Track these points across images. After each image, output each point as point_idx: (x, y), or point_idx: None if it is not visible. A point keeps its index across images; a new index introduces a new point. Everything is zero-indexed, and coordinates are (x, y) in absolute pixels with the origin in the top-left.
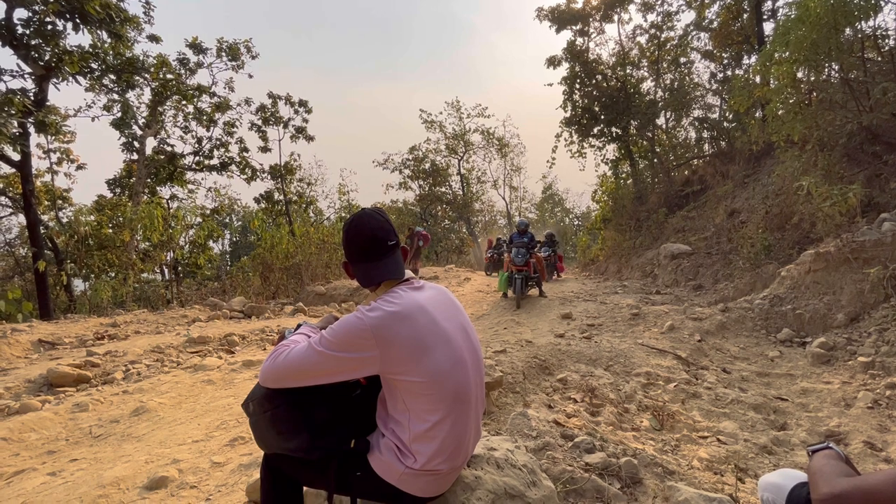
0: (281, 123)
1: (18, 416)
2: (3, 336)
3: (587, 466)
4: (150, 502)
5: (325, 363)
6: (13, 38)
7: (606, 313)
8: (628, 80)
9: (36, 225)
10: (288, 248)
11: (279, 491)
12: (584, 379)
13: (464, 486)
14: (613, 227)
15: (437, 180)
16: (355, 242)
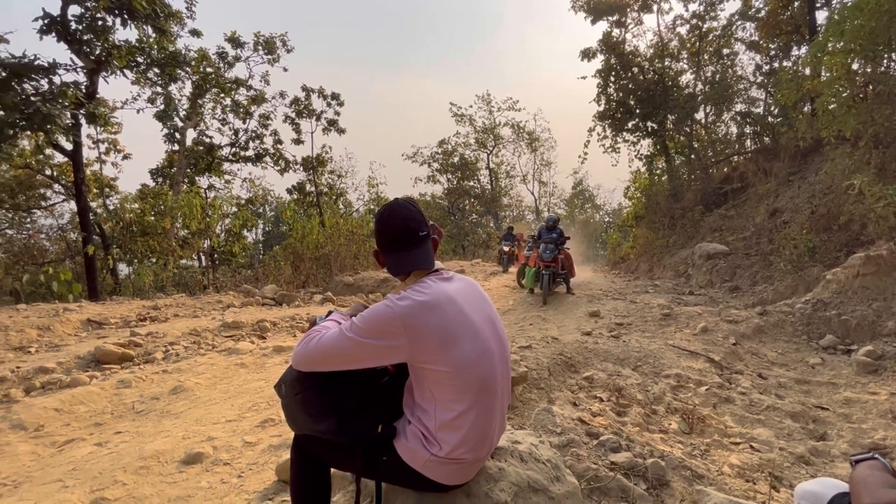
0: (314, 116)
1: (69, 390)
2: (56, 315)
3: (612, 465)
4: (187, 476)
5: (355, 349)
6: (67, 33)
7: (636, 313)
8: (666, 73)
9: (86, 211)
10: (318, 238)
11: (308, 471)
12: (610, 378)
13: (487, 477)
14: (646, 224)
15: (465, 174)
16: (387, 232)
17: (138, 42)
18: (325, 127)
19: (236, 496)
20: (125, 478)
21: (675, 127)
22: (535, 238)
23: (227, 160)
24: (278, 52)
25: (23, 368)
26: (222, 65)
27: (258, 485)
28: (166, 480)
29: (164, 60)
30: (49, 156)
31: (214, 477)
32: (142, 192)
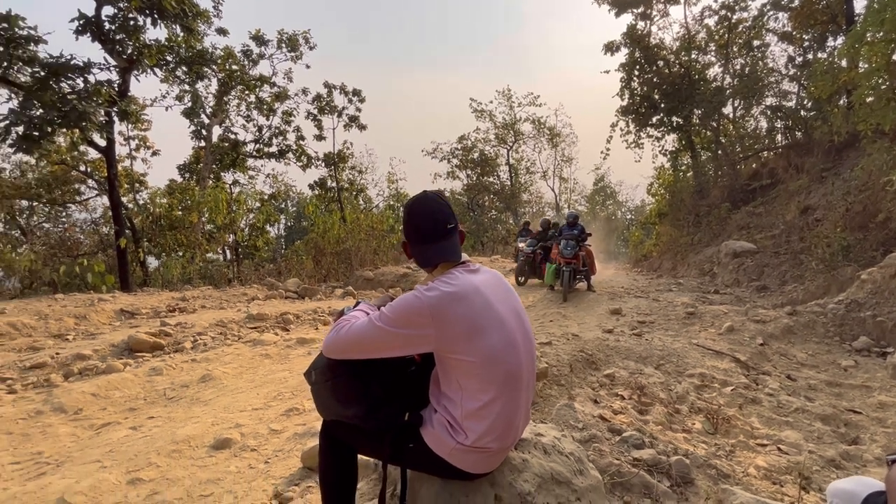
0: (335, 112)
1: (105, 376)
2: (92, 304)
3: (635, 461)
4: (216, 460)
5: (384, 338)
6: (101, 33)
7: (659, 311)
8: (693, 66)
9: (118, 206)
10: (339, 233)
11: (336, 456)
12: (632, 376)
13: (511, 467)
14: (670, 221)
15: (485, 170)
16: (415, 224)
17: (167, 41)
18: (346, 123)
19: (264, 481)
20: (158, 460)
21: (702, 122)
22: (555, 235)
23: (251, 156)
24: (301, 50)
25: (62, 355)
26: (247, 62)
27: (284, 471)
28: (197, 464)
29: (191, 59)
30: (83, 152)
31: (242, 462)
32: (170, 187)
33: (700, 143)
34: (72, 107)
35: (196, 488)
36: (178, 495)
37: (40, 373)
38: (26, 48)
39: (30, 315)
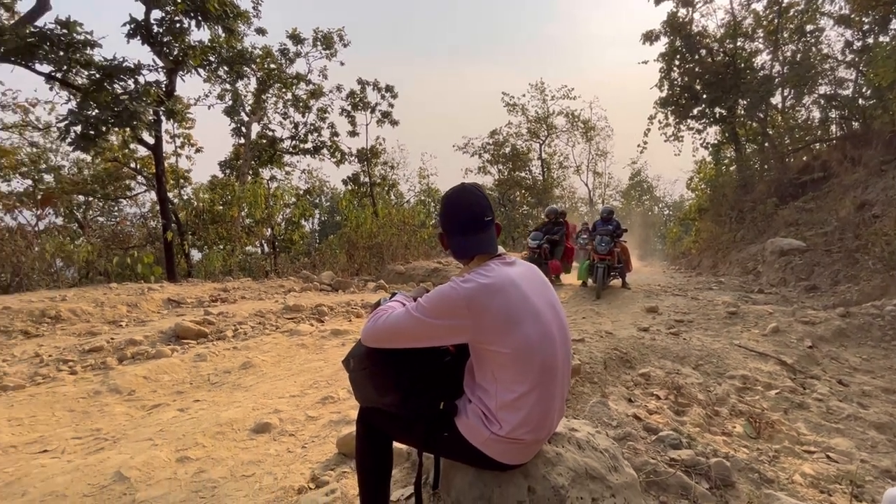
0: (368, 108)
1: (154, 361)
2: (142, 293)
3: (672, 462)
4: (257, 443)
5: (420, 328)
6: (150, 36)
7: (698, 310)
8: (738, 54)
9: (165, 201)
10: (371, 228)
11: (372, 442)
12: (669, 376)
13: (545, 461)
14: (710, 217)
15: (516, 165)
16: (453, 216)
17: (210, 42)
18: (379, 119)
19: (301, 464)
20: (204, 441)
21: (747, 112)
22: (589, 231)
23: (287, 152)
24: (335, 47)
25: (116, 340)
26: (284, 61)
27: (320, 456)
28: (239, 446)
29: (232, 58)
30: (133, 150)
31: (281, 446)
32: (212, 182)
33: (745, 136)
34: (124, 107)
35: (239, 468)
36: (222, 474)
37: (97, 356)
38: (84, 52)
39: (87, 302)
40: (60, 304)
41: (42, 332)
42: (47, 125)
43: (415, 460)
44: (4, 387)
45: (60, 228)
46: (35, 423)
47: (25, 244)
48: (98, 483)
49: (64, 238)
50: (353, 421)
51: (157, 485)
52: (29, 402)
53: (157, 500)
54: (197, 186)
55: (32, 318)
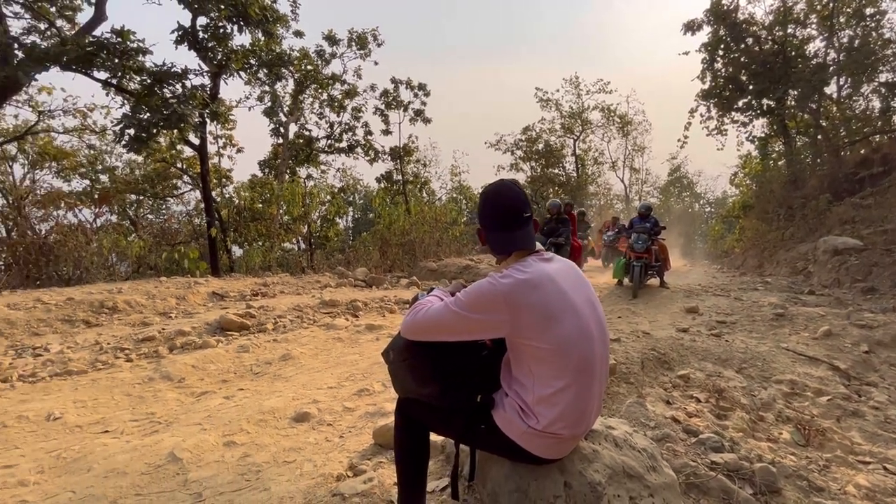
0: (401, 107)
1: (201, 350)
2: (189, 287)
3: (713, 465)
4: (297, 431)
5: (458, 322)
6: (196, 42)
7: (742, 311)
8: (789, 42)
9: (210, 199)
10: (404, 225)
11: (410, 433)
12: (709, 379)
13: (581, 457)
14: (756, 215)
15: (549, 161)
16: (492, 211)
17: (251, 46)
18: (411, 117)
19: (339, 453)
20: (248, 427)
21: (798, 104)
22: (625, 228)
23: (323, 152)
24: (370, 47)
25: (166, 330)
26: (320, 62)
27: (357, 446)
28: (281, 433)
29: (271, 61)
30: (180, 151)
31: (320, 435)
32: (252, 181)
33: (795, 128)
34: (172, 110)
35: (281, 454)
36: (265, 459)
37: (150, 345)
38: (136, 59)
39: (140, 294)
40: (117, 296)
41: (101, 321)
42: (103, 128)
43: (449, 452)
44: (69, 371)
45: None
46: (97, 405)
47: (85, 240)
48: (154, 462)
49: (118, 235)
50: (388, 413)
51: (206, 466)
52: (91, 386)
53: (207, 481)
54: (238, 185)
55: (93, 308)
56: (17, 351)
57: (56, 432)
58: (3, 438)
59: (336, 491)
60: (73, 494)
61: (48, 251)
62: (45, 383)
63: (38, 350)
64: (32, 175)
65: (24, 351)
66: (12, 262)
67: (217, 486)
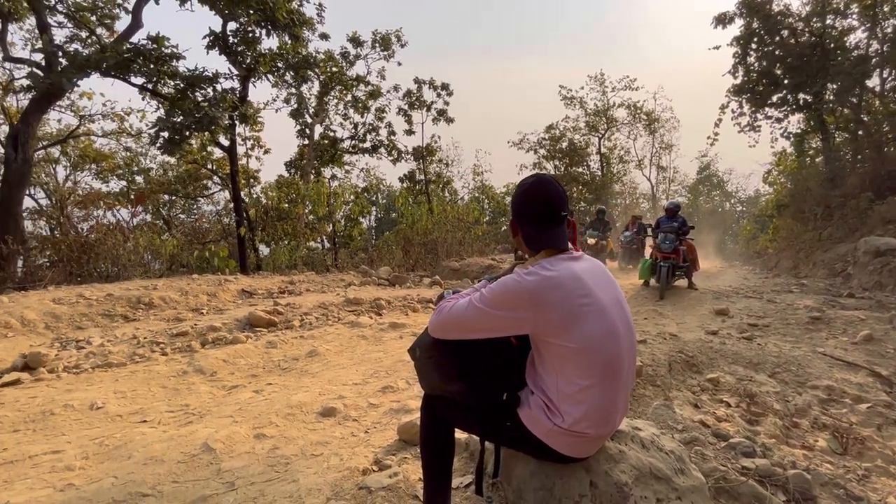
0: (424, 107)
1: (232, 346)
2: (220, 284)
3: (744, 470)
4: (324, 426)
5: (483, 319)
6: (226, 46)
7: (775, 313)
8: (827, 33)
9: (238, 199)
10: (426, 225)
11: (436, 429)
12: (740, 383)
13: (607, 457)
14: (791, 214)
15: (573, 160)
16: (531, 206)
17: (278, 49)
18: (434, 117)
19: (364, 448)
20: (277, 420)
21: (838, 98)
22: (651, 228)
23: (347, 152)
24: (393, 48)
25: (198, 326)
26: (345, 64)
27: (382, 441)
28: (308, 427)
29: (297, 64)
30: (210, 152)
31: (346, 430)
32: (278, 182)
33: (834, 123)
34: (204, 113)
35: (308, 448)
36: (293, 452)
37: (183, 340)
38: (170, 64)
39: (174, 291)
40: (152, 293)
41: (138, 316)
42: (139, 131)
43: (473, 450)
44: (110, 364)
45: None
46: (135, 396)
47: (123, 239)
48: (189, 452)
49: (153, 233)
50: (412, 410)
51: (238, 457)
52: (130, 378)
53: (238, 471)
54: (265, 185)
55: (130, 304)
56: (62, 343)
57: (99, 421)
58: (51, 425)
59: (362, 484)
60: (116, 480)
61: (89, 249)
62: (87, 374)
63: (81, 343)
64: (74, 176)
65: (69, 344)
66: (57, 259)
67: (248, 477)
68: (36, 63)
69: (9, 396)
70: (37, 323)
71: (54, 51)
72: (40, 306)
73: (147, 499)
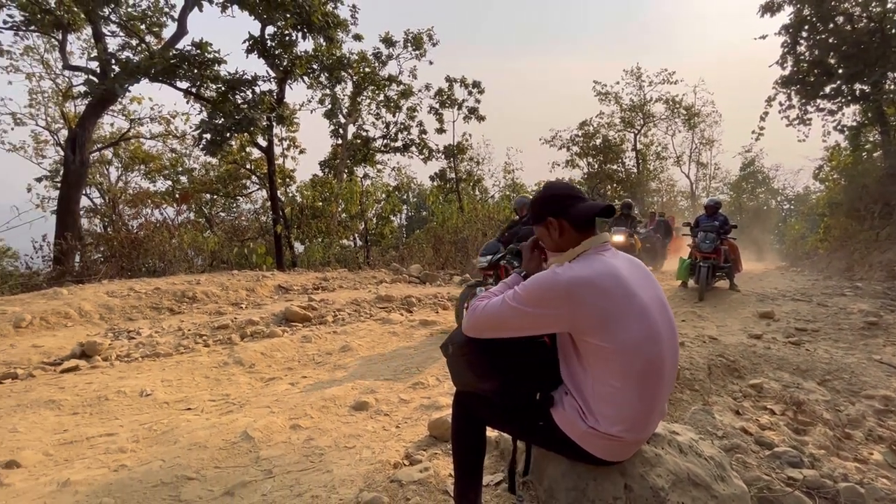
0: (455, 105)
1: (269, 339)
2: (258, 280)
3: (790, 480)
4: (356, 419)
5: (517, 317)
6: (264, 50)
7: (826, 318)
8: (888, 18)
9: (276, 198)
10: (457, 223)
11: (468, 425)
12: (786, 390)
13: (643, 460)
14: (845, 212)
15: (608, 157)
16: (558, 198)
17: (313, 51)
18: (465, 115)
19: (396, 442)
20: (312, 413)
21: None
22: (691, 227)
23: (379, 151)
24: (425, 47)
25: (238, 319)
26: (377, 64)
27: (413, 436)
28: (341, 420)
29: (332, 65)
30: (249, 153)
31: (377, 423)
32: (313, 181)
33: (894, 115)
34: (244, 115)
35: (342, 440)
36: (328, 443)
37: (224, 332)
38: (212, 69)
39: (216, 286)
40: (196, 287)
41: (183, 309)
42: (183, 133)
43: (504, 448)
44: (157, 354)
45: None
46: (181, 385)
47: (169, 236)
48: (229, 439)
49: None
50: (442, 407)
51: (275, 446)
52: (176, 368)
53: (275, 459)
54: (300, 184)
55: (175, 297)
56: (115, 334)
57: (148, 407)
58: (105, 410)
59: (394, 477)
60: (163, 463)
61: (138, 245)
62: (137, 363)
63: (132, 333)
64: (125, 177)
65: (121, 334)
66: (110, 254)
67: (285, 465)
68: (92, 70)
69: (69, 382)
70: (92, 314)
71: (108, 59)
72: (95, 298)
73: (191, 482)
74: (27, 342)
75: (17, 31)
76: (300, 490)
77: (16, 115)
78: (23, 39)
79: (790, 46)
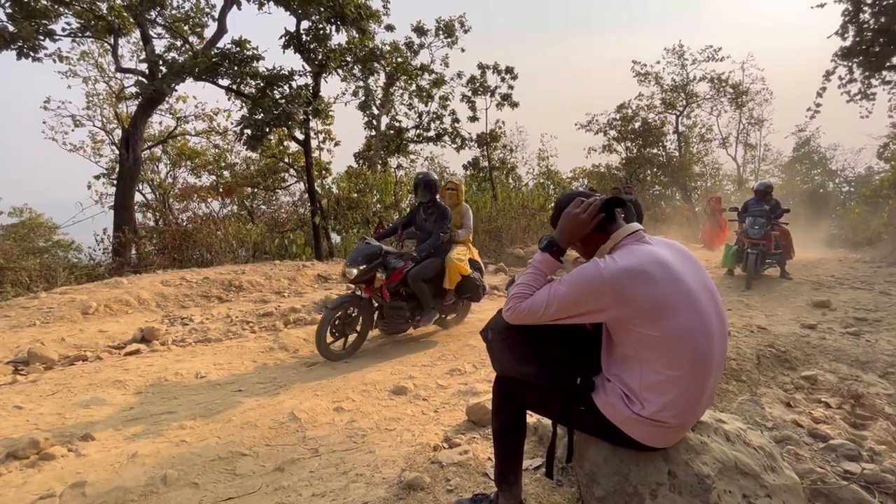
0: (488, 92)
1: (311, 326)
2: (298, 270)
3: (846, 474)
4: (396, 403)
5: (561, 310)
6: (300, 45)
7: (889, 307)
8: None
9: (313, 190)
10: (490, 212)
11: (508, 409)
12: (843, 382)
13: (687, 447)
14: None
15: (647, 141)
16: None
17: (347, 43)
18: (498, 102)
19: (434, 426)
20: (353, 396)
21: None
22: (738, 212)
23: (412, 141)
24: (456, 34)
25: (281, 307)
26: (409, 54)
27: (451, 420)
28: (381, 403)
29: (364, 57)
30: (286, 146)
31: (416, 408)
32: (348, 172)
33: None
34: (281, 109)
35: (382, 422)
36: (369, 425)
37: (269, 320)
38: (251, 65)
39: (259, 275)
40: (241, 277)
41: (230, 297)
42: (225, 129)
43: (542, 434)
44: (209, 339)
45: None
46: (231, 368)
47: (215, 228)
48: (278, 419)
49: (240, 223)
50: (479, 393)
51: (320, 427)
52: (226, 352)
53: (321, 439)
54: (336, 176)
55: (223, 286)
56: (170, 320)
57: (202, 388)
58: (165, 390)
59: (434, 459)
60: (219, 440)
61: (188, 237)
62: (191, 348)
63: (185, 320)
64: (173, 173)
65: (175, 321)
66: (162, 246)
67: (330, 445)
68: (141, 72)
69: (132, 364)
70: (150, 302)
71: (156, 60)
72: (152, 287)
73: (245, 458)
74: (94, 327)
75: (74, 37)
76: (345, 468)
77: (75, 116)
78: (79, 45)
79: (852, 14)
